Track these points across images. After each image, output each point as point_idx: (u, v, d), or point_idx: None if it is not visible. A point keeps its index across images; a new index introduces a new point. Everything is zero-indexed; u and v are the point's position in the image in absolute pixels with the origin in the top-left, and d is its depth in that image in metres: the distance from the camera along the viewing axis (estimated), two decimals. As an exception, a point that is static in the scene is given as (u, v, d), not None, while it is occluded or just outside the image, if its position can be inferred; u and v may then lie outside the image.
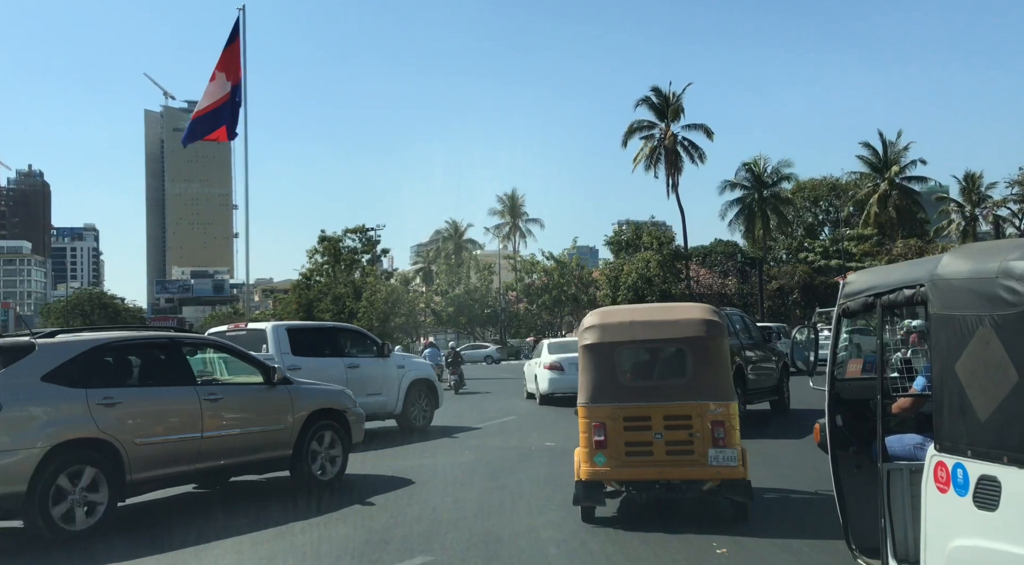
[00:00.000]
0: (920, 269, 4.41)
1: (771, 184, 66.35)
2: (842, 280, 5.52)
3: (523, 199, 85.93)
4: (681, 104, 64.08)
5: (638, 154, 65.89)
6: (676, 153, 64.66)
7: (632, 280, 59.42)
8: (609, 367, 7.92)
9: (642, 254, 61.20)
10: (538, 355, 23.24)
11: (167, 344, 9.34)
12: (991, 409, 3.57)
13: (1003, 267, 3.58)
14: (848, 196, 79.17)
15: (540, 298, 70.18)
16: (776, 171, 66.12)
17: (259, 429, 9.59)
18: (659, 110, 64.89)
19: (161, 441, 8.52)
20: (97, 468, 7.92)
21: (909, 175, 68.76)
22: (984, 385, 3.62)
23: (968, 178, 69.40)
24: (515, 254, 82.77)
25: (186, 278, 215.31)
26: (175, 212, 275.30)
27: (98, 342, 8.60)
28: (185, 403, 8.84)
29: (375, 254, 76.97)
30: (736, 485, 7.62)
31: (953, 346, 3.85)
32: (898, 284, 4.58)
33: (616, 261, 65.75)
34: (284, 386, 10.01)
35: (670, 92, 64.71)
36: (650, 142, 65.60)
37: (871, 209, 68.52)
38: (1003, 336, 3.52)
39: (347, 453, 10.70)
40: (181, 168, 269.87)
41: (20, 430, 7.54)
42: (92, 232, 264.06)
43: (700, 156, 64.68)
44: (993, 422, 3.56)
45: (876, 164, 69.21)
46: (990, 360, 3.58)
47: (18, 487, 7.36)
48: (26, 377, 7.81)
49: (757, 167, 66.07)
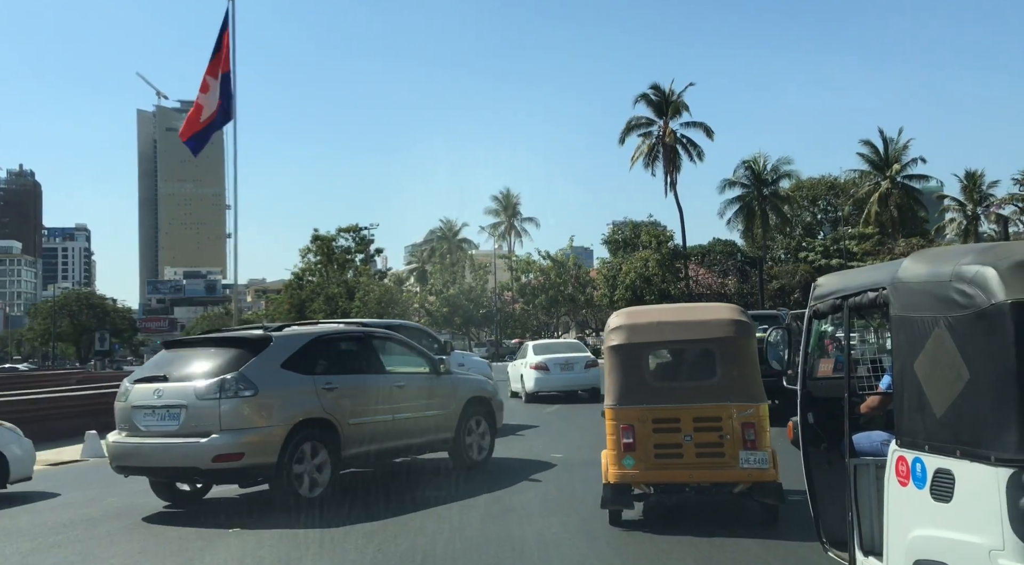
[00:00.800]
0: (883, 273, 4.58)
1: (771, 182, 65.19)
2: None
3: (518, 198, 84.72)
4: (681, 101, 63.07)
5: (636, 151, 64.90)
6: (675, 151, 63.65)
7: (631, 279, 58.33)
8: (637, 368, 7.84)
9: (641, 253, 60.07)
10: (523, 356, 24.59)
11: (362, 337, 10.50)
12: (945, 406, 3.76)
13: (956, 271, 3.76)
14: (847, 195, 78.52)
15: (536, 298, 69.04)
16: (776, 169, 64.94)
17: (432, 413, 10.66)
18: (658, 107, 63.86)
19: (366, 422, 9.69)
20: (323, 444, 9.17)
21: (910, 173, 67.79)
22: (939, 383, 3.82)
23: (969, 177, 68.43)
24: (510, 253, 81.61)
25: (178, 278, 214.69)
26: (168, 212, 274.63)
27: (315, 335, 9.93)
28: (382, 388, 10.07)
29: (368, 254, 76.25)
30: (767, 488, 7.52)
31: (912, 346, 4.03)
32: (862, 287, 4.78)
33: (614, 260, 64.53)
34: (448, 376, 11.10)
35: (670, 89, 63.74)
36: (648, 139, 64.56)
37: (871, 208, 67.55)
38: (956, 337, 3.71)
39: (494, 436, 11.83)
40: (174, 168, 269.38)
41: (271, 410, 8.90)
42: (84, 232, 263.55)
43: (699, 154, 63.72)
44: (947, 418, 3.76)
45: (877, 162, 68.18)
46: (945, 359, 3.77)
47: (270, 458, 8.71)
48: (270, 365, 9.08)
49: (757, 165, 64.85)
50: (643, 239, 61.52)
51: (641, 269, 58.19)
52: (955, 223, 69.32)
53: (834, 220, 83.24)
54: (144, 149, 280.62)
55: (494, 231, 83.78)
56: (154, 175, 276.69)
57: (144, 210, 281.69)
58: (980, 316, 3.57)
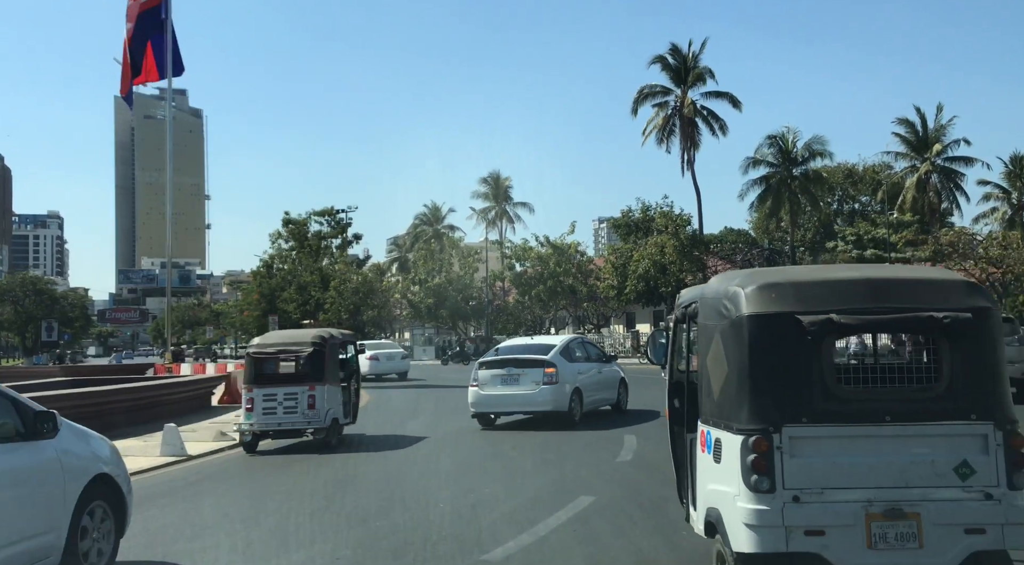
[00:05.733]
0: (700, 290, 6.03)
1: (801, 161, 57.67)
2: None
3: (509, 180, 76.80)
4: (703, 66, 55.72)
5: (649, 124, 57.51)
6: (694, 124, 56.32)
7: (644, 268, 50.80)
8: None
9: (655, 238, 52.51)
10: None
11: None
12: (718, 391, 5.23)
13: (724, 290, 5.27)
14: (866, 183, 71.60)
15: (533, 289, 61.47)
16: (808, 147, 57.37)
17: None
18: (676, 73, 56.51)
19: None
20: None
21: (952, 155, 60.56)
22: (715, 374, 5.27)
23: (1016, 161, 61.34)
24: (502, 239, 73.91)
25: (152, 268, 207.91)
26: (145, 202, 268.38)
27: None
28: None
29: (346, 239, 69.11)
30: None
31: (705, 346, 5.49)
32: (691, 300, 6.14)
33: (624, 246, 56.86)
34: None
35: (689, 51, 56.34)
36: (664, 110, 57.21)
37: (908, 193, 60.35)
38: (723, 339, 5.15)
39: None
40: (152, 156, 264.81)
41: None
42: (56, 220, 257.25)
43: (721, 128, 56.38)
44: (719, 400, 5.22)
45: (915, 143, 60.90)
46: (718, 356, 5.21)
47: None
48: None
49: (785, 142, 57.32)
50: (658, 223, 53.96)
51: (657, 256, 50.65)
52: (999, 212, 62.13)
53: (850, 213, 77.04)
54: (121, 137, 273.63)
55: (483, 216, 75.99)
56: (132, 163, 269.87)
57: (121, 199, 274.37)
58: (732, 324, 5.05)
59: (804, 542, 4.65)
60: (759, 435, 4.74)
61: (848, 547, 4.63)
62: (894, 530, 4.63)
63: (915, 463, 4.74)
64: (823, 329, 4.74)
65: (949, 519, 4.65)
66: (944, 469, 4.73)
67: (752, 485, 4.72)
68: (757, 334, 4.85)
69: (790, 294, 4.96)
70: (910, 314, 4.83)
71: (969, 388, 4.80)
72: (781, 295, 4.95)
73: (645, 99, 57.36)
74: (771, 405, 4.79)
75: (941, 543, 4.63)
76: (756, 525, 4.70)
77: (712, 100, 56.83)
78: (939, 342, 4.89)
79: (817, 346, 4.78)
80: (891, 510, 4.64)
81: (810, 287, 5.07)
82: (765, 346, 4.84)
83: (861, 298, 4.93)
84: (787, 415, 4.76)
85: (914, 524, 4.64)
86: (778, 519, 4.67)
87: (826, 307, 4.82)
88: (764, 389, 4.82)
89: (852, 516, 4.64)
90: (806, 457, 4.74)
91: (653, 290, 50.36)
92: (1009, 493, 4.71)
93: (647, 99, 57.37)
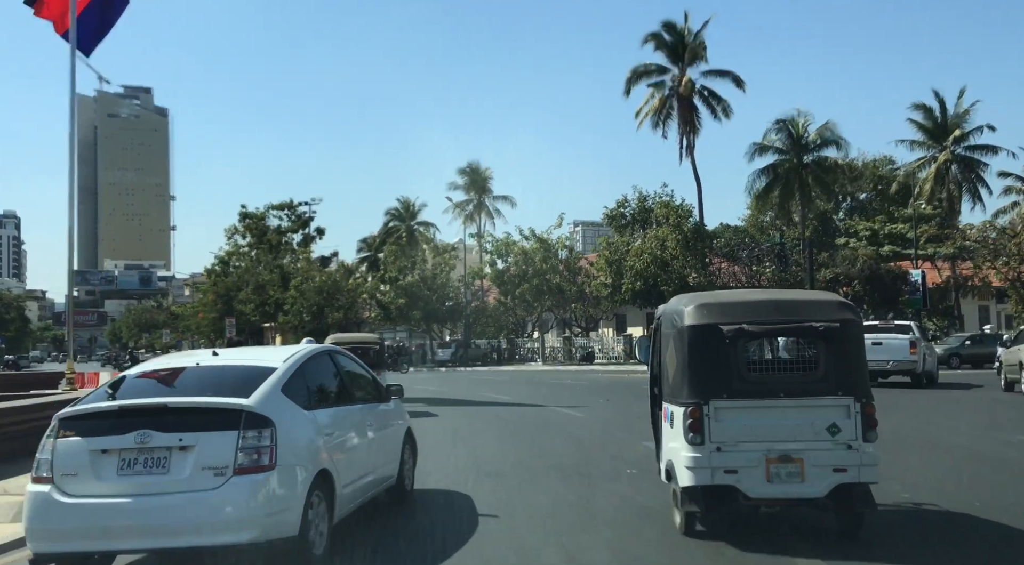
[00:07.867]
0: (663, 307, 8.46)
1: (812, 148, 52.27)
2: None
3: (489, 172, 70.74)
4: (701, 41, 50.24)
5: (644, 106, 51.96)
6: (693, 106, 50.85)
7: (642, 264, 45.09)
8: None
9: (655, 231, 46.81)
10: None
11: None
12: (671, 378, 7.59)
13: (675, 308, 7.74)
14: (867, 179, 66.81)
15: (517, 288, 55.62)
16: (820, 133, 51.90)
17: None
18: (672, 50, 51.04)
19: None
20: None
21: (973, 144, 55.49)
22: (671, 366, 7.63)
23: (1037, 150, 56.44)
24: (480, 233, 67.91)
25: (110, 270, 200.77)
26: (108, 202, 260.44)
27: None
28: None
29: (308, 234, 63.09)
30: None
31: (665, 347, 7.90)
32: (659, 314, 8.46)
33: (619, 239, 51.07)
34: None
35: (685, 27, 50.87)
36: (660, 91, 51.69)
37: (925, 185, 55.24)
38: (675, 343, 7.52)
39: None
40: (115, 155, 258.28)
41: None
42: (13, 220, 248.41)
43: (724, 110, 50.96)
44: (673, 383, 7.53)
45: (932, 130, 55.77)
46: (671, 354, 7.62)
47: None
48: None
49: (796, 126, 51.86)
50: (657, 214, 48.26)
51: (657, 250, 44.94)
52: (1022, 207, 57.06)
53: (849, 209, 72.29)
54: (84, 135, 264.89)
55: (462, 210, 69.89)
56: (94, 163, 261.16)
57: (83, 200, 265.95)
58: (679, 332, 7.42)
59: (724, 478, 7.04)
60: (694, 406, 7.10)
61: (754, 481, 7.01)
62: (785, 470, 6.99)
63: (800, 425, 7.07)
64: (737, 334, 7.15)
65: (823, 462, 6.97)
66: (820, 429, 7.04)
67: (690, 440, 7.08)
68: (694, 338, 7.27)
69: (716, 311, 7.42)
70: (797, 324, 7.30)
71: (838, 374, 7.12)
72: (711, 311, 7.39)
73: (639, 78, 51.90)
74: (702, 386, 7.15)
75: (817, 478, 6.97)
76: (692, 467, 7.08)
77: (713, 79, 51.60)
78: (818, 343, 7.26)
79: (734, 346, 7.20)
80: (783, 456, 7.00)
81: (731, 306, 7.62)
82: (699, 346, 7.25)
83: (765, 313, 7.40)
84: (713, 393, 7.12)
85: (799, 466, 6.98)
86: (707, 462, 7.04)
87: (740, 319, 7.21)
88: (698, 375, 7.21)
89: (756, 460, 7.01)
90: (726, 421, 7.10)
91: (652, 288, 44.68)
92: (864, 444, 7.04)
93: (641, 78, 51.92)
